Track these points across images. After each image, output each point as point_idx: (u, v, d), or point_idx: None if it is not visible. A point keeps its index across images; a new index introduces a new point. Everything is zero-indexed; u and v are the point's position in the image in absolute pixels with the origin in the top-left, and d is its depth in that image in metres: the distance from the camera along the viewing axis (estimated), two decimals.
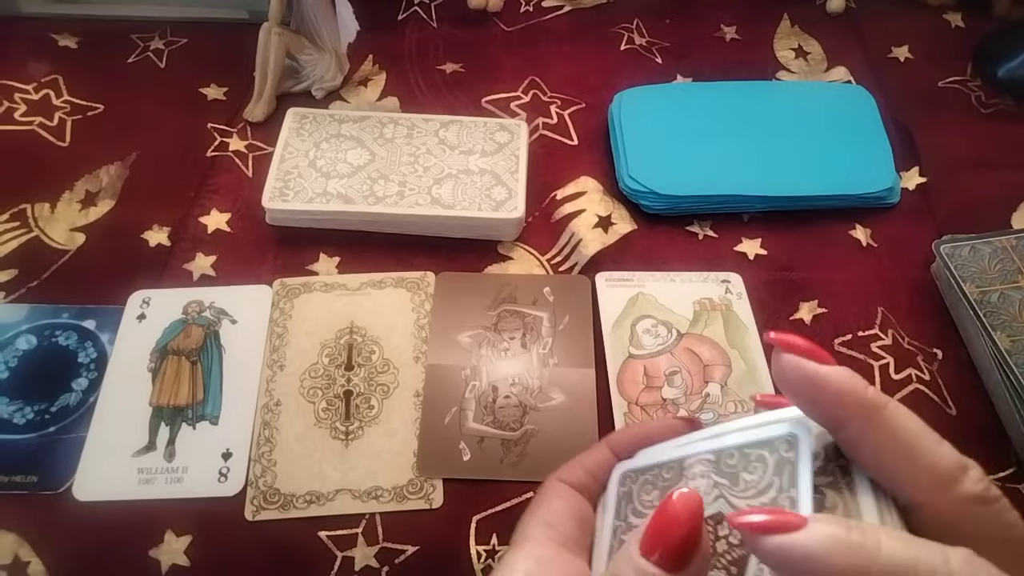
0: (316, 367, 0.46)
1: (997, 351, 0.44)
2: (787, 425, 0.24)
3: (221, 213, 0.53)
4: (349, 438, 0.44)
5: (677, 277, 0.51)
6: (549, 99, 0.61)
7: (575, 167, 0.56)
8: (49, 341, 0.47)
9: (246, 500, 0.41)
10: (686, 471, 0.25)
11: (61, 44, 0.63)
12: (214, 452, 0.43)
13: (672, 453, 0.26)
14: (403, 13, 0.67)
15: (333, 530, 0.41)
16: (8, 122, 0.57)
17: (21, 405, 0.44)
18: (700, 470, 0.25)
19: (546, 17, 0.68)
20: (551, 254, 0.52)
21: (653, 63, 0.64)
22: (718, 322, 0.48)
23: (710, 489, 0.25)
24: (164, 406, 0.44)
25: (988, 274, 0.48)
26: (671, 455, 0.26)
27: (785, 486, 0.23)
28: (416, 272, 0.50)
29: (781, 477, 0.23)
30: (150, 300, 0.48)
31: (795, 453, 0.23)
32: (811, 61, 0.65)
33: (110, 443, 0.43)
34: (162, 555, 0.40)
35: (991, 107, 0.61)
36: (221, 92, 0.61)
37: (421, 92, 0.61)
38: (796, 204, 0.53)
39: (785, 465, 0.23)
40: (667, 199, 0.53)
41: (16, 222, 0.52)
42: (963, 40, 0.66)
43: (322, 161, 0.52)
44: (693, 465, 0.25)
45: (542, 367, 0.46)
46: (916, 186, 0.56)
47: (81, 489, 0.41)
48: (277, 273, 0.50)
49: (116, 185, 0.54)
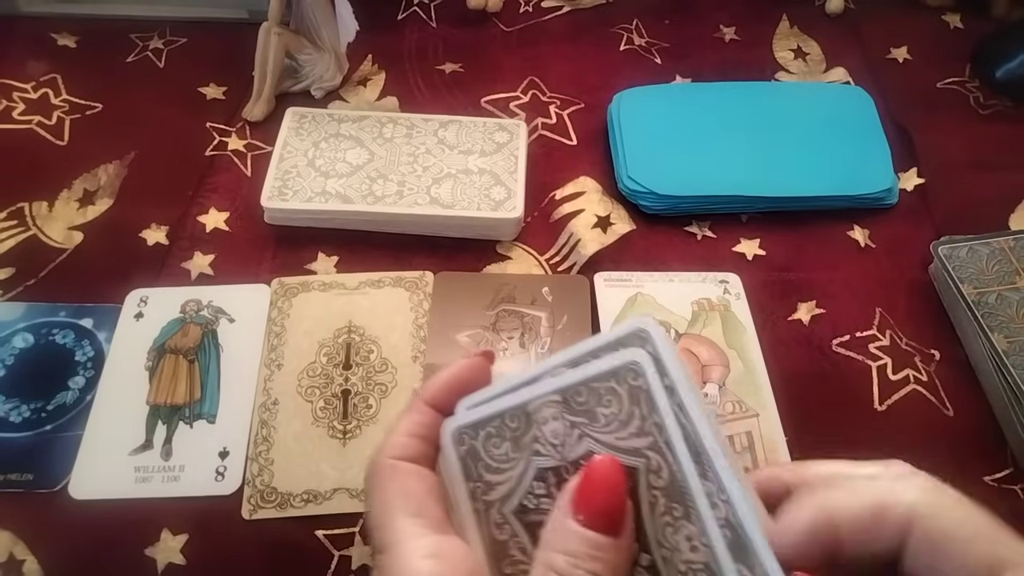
0: (314, 366, 0.46)
1: (994, 352, 0.44)
2: (626, 352, 0.23)
3: (219, 212, 0.53)
4: (347, 437, 0.44)
5: (676, 277, 0.51)
6: (548, 99, 0.61)
7: (574, 167, 0.56)
8: (46, 339, 0.46)
9: (243, 499, 0.41)
10: (534, 416, 0.25)
11: (60, 43, 0.63)
12: (211, 451, 0.43)
13: (508, 401, 0.25)
14: (403, 13, 0.67)
15: (330, 529, 0.41)
16: (7, 121, 0.57)
17: (18, 403, 0.44)
18: (550, 413, 0.24)
19: (546, 17, 0.68)
20: (550, 254, 0.52)
21: (652, 63, 0.64)
22: (716, 322, 0.48)
23: (569, 430, 0.24)
24: (161, 405, 0.44)
25: (986, 275, 0.48)
26: (508, 403, 0.25)
27: (646, 413, 0.23)
28: (415, 272, 0.50)
29: (639, 406, 0.23)
30: (148, 299, 0.48)
31: (644, 380, 0.23)
32: (810, 62, 0.65)
33: (107, 441, 0.43)
34: (158, 554, 0.40)
35: (990, 108, 0.61)
36: (220, 91, 0.61)
37: (420, 92, 0.61)
38: (795, 205, 0.53)
39: (639, 393, 0.23)
40: (666, 199, 0.53)
41: (14, 220, 0.52)
42: (962, 41, 0.66)
43: (321, 160, 0.52)
44: (540, 409, 0.24)
45: None
46: (914, 187, 0.56)
47: (77, 487, 0.41)
48: (275, 272, 0.50)
49: (114, 184, 0.54)
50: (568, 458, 0.24)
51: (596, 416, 0.24)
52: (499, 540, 0.25)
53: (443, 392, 0.27)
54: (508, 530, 0.25)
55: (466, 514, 0.25)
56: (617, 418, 0.23)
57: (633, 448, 0.23)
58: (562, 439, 0.24)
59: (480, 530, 0.25)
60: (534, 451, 0.25)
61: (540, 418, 0.25)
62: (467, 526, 0.25)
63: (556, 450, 0.24)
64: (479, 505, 0.25)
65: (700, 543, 0.22)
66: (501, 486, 0.25)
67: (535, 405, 0.25)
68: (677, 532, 0.22)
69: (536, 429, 0.25)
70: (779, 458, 0.43)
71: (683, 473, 0.22)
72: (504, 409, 0.25)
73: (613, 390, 0.24)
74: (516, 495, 0.25)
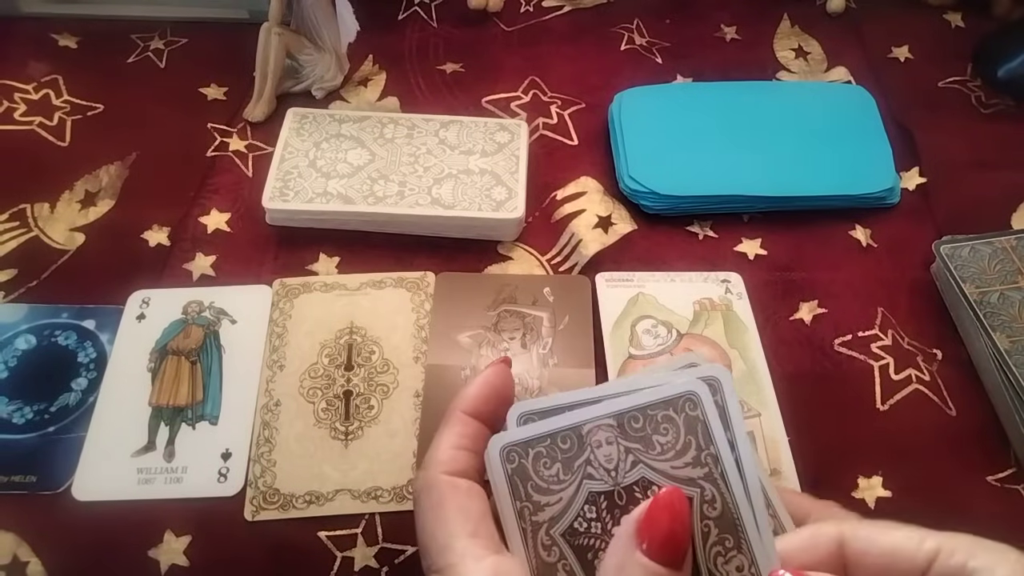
0: (316, 367, 0.46)
1: (997, 352, 0.44)
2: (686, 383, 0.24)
3: (221, 213, 0.53)
4: (349, 438, 0.44)
5: (677, 277, 0.51)
6: (549, 99, 0.61)
7: (575, 167, 0.56)
8: (48, 341, 0.47)
9: (245, 500, 0.41)
10: (587, 438, 0.25)
11: (61, 44, 0.63)
12: (213, 452, 0.43)
13: (561, 421, 0.25)
14: (403, 13, 0.67)
15: (333, 530, 0.41)
16: (8, 122, 0.57)
17: (20, 405, 0.44)
18: (604, 436, 0.25)
19: (546, 17, 0.68)
20: (551, 254, 0.52)
21: (653, 63, 0.64)
22: (718, 322, 0.48)
23: (624, 455, 0.25)
24: (163, 406, 0.44)
25: (988, 274, 0.48)
26: (561, 423, 0.25)
27: (703, 444, 0.24)
28: (416, 272, 0.50)
29: (696, 436, 0.24)
30: (150, 300, 0.48)
31: (701, 411, 0.24)
32: (811, 61, 0.65)
33: (109, 443, 0.43)
34: (161, 555, 0.40)
35: (991, 107, 0.61)
36: (221, 92, 0.60)
37: (421, 92, 0.61)
38: (796, 204, 0.53)
39: (696, 423, 0.24)
40: (667, 199, 0.53)
41: (16, 222, 0.52)
42: (963, 40, 0.66)
43: (322, 161, 0.52)
44: (593, 432, 0.25)
45: (542, 367, 0.46)
46: (916, 186, 0.56)
47: (80, 489, 0.41)
48: (277, 273, 0.50)
49: (116, 185, 0.54)
50: (621, 483, 0.24)
51: (652, 443, 0.24)
52: (547, 562, 0.25)
53: (480, 401, 0.27)
54: (556, 552, 0.25)
55: (513, 533, 0.25)
56: (673, 447, 0.24)
57: (688, 477, 0.24)
58: (616, 464, 0.25)
59: (527, 551, 0.25)
60: (587, 474, 0.25)
61: (594, 441, 0.25)
62: (514, 545, 0.25)
63: (609, 474, 0.25)
64: (526, 525, 0.25)
65: (750, 573, 0.23)
66: (550, 507, 0.25)
67: (589, 428, 0.25)
68: (728, 562, 0.23)
69: (589, 452, 0.25)
70: (781, 458, 0.43)
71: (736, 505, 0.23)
72: (556, 429, 0.25)
73: (670, 418, 0.24)
74: (566, 517, 0.25)
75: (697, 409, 0.24)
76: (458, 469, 0.26)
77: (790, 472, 0.42)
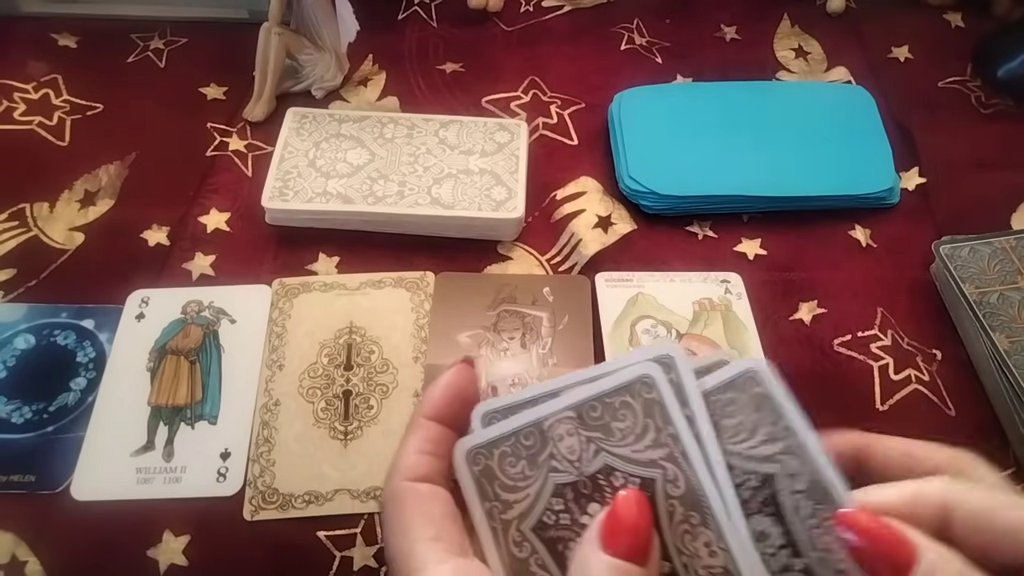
0: (315, 367, 0.46)
1: (996, 352, 0.44)
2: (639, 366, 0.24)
3: (220, 213, 0.53)
4: (348, 438, 0.44)
5: (676, 277, 0.50)
6: (549, 99, 0.61)
7: (575, 167, 0.56)
8: (48, 340, 0.46)
9: (245, 500, 0.41)
10: (549, 433, 0.25)
11: (61, 43, 0.63)
12: (213, 452, 0.43)
13: (522, 419, 0.26)
14: (403, 13, 0.67)
15: (332, 530, 0.41)
16: (7, 121, 0.57)
17: (19, 404, 0.44)
18: (565, 429, 0.25)
19: (546, 17, 0.68)
20: (551, 254, 0.52)
21: (653, 63, 0.64)
22: (717, 322, 0.48)
23: (585, 445, 0.25)
24: (163, 406, 0.44)
25: (987, 275, 0.48)
26: (522, 421, 0.26)
27: (661, 424, 0.24)
28: (416, 272, 0.50)
29: (654, 417, 0.24)
30: (149, 300, 0.48)
31: (656, 392, 0.24)
32: (811, 61, 0.65)
33: (108, 443, 0.43)
34: (160, 555, 0.40)
35: (991, 107, 0.61)
36: (221, 92, 0.60)
37: (421, 92, 0.61)
38: (796, 204, 0.53)
39: (653, 405, 0.24)
40: (667, 199, 0.53)
41: (15, 221, 0.52)
42: (963, 40, 0.66)
43: (322, 161, 0.52)
44: (555, 426, 0.25)
45: (541, 367, 0.46)
46: (916, 186, 0.56)
47: (79, 489, 0.41)
48: (276, 273, 0.50)
49: (115, 184, 0.54)
50: (585, 473, 0.25)
51: (611, 430, 0.24)
52: (519, 558, 0.25)
53: (443, 404, 0.27)
54: (527, 548, 0.25)
55: (484, 534, 0.26)
56: (632, 431, 0.24)
57: (649, 460, 0.24)
58: (578, 454, 0.25)
59: (499, 549, 0.25)
60: (551, 468, 0.25)
61: (555, 435, 0.25)
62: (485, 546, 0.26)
63: (573, 465, 0.25)
64: (496, 524, 0.26)
65: (718, 547, 0.23)
66: (518, 504, 0.25)
67: (550, 422, 0.25)
68: (696, 539, 0.23)
69: (552, 446, 0.25)
70: None
71: (698, 481, 0.23)
72: (518, 427, 0.26)
73: (627, 404, 0.24)
74: (534, 512, 0.25)
75: (653, 391, 0.24)
76: (421, 474, 0.26)
77: None
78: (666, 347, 0.25)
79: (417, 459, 0.26)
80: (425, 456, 0.26)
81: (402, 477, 0.26)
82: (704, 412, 0.24)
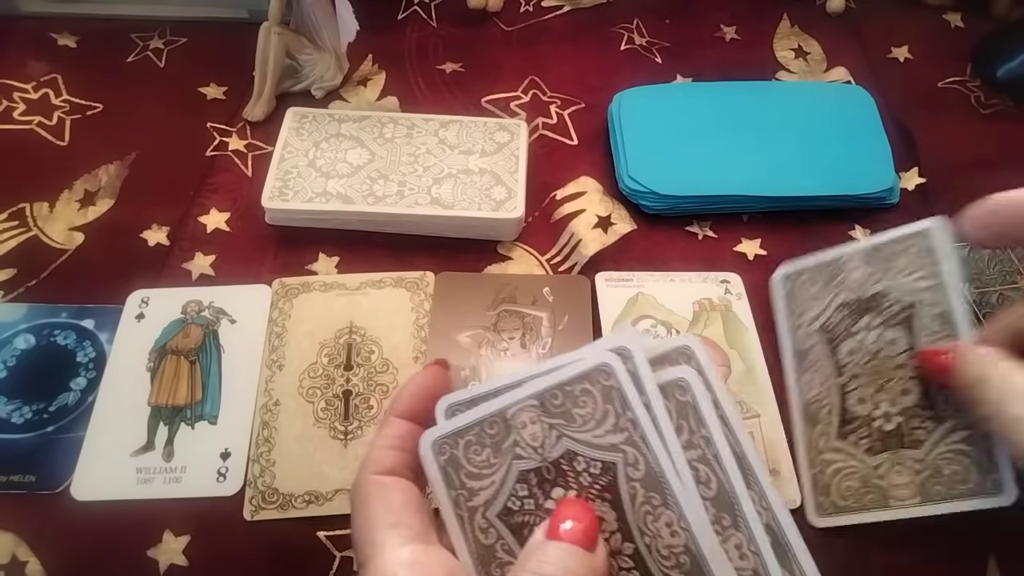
0: (315, 367, 0.46)
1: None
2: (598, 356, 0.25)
3: (220, 212, 0.53)
4: (348, 438, 0.44)
5: (676, 277, 0.51)
6: (549, 99, 0.61)
7: (575, 167, 0.56)
8: (48, 340, 0.46)
9: (245, 500, 0.41)
10: (512, 421, 0.26)
11: (60, 43, 0.63)
12: (213, 452, 0.43)
13: (486, 408, 0.26)
14: (403, 13, 0.67)
15: (332, 530, 0.41)
16: (7, 121, 0.57)
17: (19, 404, 0.44)
18: (528, 417, 0.26)
19: (546, 17, 0.68)
20: (551, 254, 0.52)
21: (653, 63, 0.64)
22: (717, 322, 0.48)
23: (548, 432, 0.26)
24: (163, 406, 0.44)
25: (987, 275, 0.48)
26: (486, 410, 0.26)
27: (620, 410, 0.25)
28: (415, 272, 0.50)
29: (613, 404, 0.25)
30: (149, 299, 0.48)
31: (615, 379, 0.25)
32: (811, 61, 0.65)
33: (108, 443, 0.43)
34: (160, 555, 0.40)
35: (991, 107, 0.61)
36: (220, 92, 0.60)
37: (421, 92, 0.61)
38: (796, 204, 0.53)
39: (612, 392, 0.25)
40: (667, 199, 0.53)
41: (15, 221, 0.52)
42: (963, 40, 0.66)
43: (322, 161, 0.52)
44: (518, 415, 0.26)
45: None
46: (915, 186, 0.56)
47: (79, 489, 0.41)
48: (276, 273, 0.50)
49: (115, 184, 0.54)
50: (548, 458, 0.26)
51: (573, 417, 0.25)
52: (485, 544, 0.26)
53: (413, 402, 0.28)
54: (494, 534, 0.26)
55: (450, 521, 0.26)
56: (593, 417, 0.25)
57: (610, 444, 0.25)
58: (541, 441, 0.26)
59: (465, 536, 0.26)
60: (515, 455, 0.26)
61: (519, 423, 0.26)
62: (452, 533, 0.26)
63: (536, 452, 0.26)
64: (463, 512, 0.26)
65: (679, 527, 0.24)
66: (484, 491, 0.26)
67: (513, 411, 0.26)
68: (657, 519, 0.24)
69: (515, 434, 0.26)
70: (780, 458, 0.43)
71: (658, 463, 0.24)
72: (483, 417, 0.26)
73: (587, 391, 0.25)
74: (499, 499, 0.26)
75: (611, 379, 0.25)
76: (386, 468, 0.27)
77: (789, 473, 0.42)
78: (623, 338, 0.25)
79: (383, 454, 0.27)
80: (392, 451, 0.27)
81: (368, 472, 0.27)
82: (660, 399, 0.24)
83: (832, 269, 0.41)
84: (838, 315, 0.40)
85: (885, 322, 0.38)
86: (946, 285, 0.37)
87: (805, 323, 0.41)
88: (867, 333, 0.39)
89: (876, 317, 0.39)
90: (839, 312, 0.40)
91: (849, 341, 0.39)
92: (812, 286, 0.42)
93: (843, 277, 0.40)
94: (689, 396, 0.25)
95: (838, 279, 0.40)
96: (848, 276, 0.40)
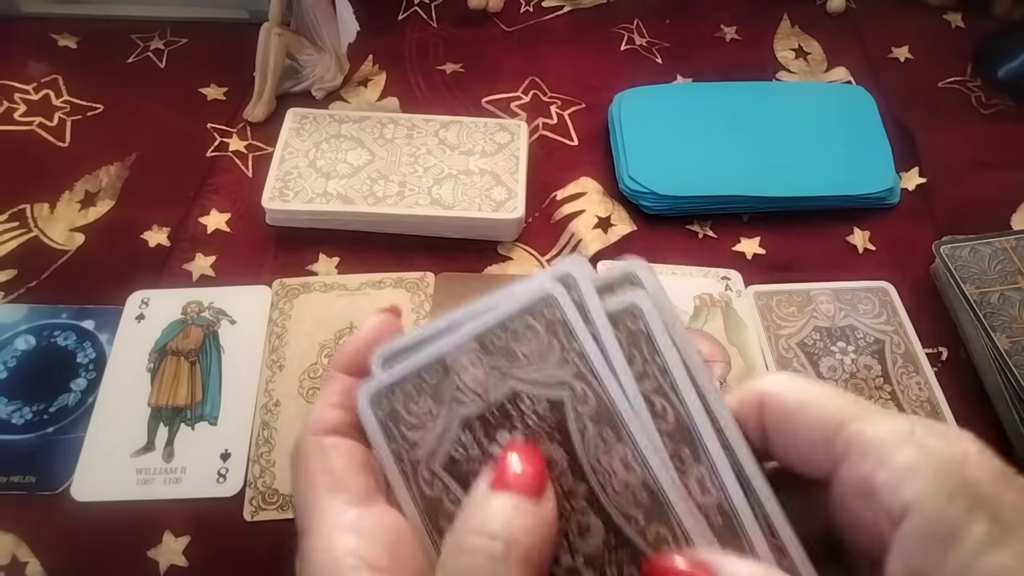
0: (315, 367, 0.46)
1: (997, 352, 0.44)
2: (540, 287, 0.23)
3: (221, 213, 0.53)
4: None
5: (678, 271, 0.50)
6: (549, 99, 0.61)
7: (575, 168, 0.56)
8: (48, 341, 0.47)
9: (245, 500, 0.41)
10: (452, 366, 0.24)
11: (61, 44, 0.63)
12: (213, 452, 0.43)
13: (424, 356, 0.24)
14: (403, 13, 0.67)
15: None
16: (8, 122, 0.57)
17: (20, 405, 0.44)
18: (468, 360, 0.24)
19: (546, 17, 0.68)
20: (551, 255, 0.52)
21: (653, 63, 0.64)
22: (718, 318, 0.48)
23: (490, 373, 0.24)
24: (163, 406, 0.44)
25: (988, 275, 0.48)
26: (424, 358, 0.24)
27: (566, 343, 0.23)
28: (415, 272, 0.50)
29: (558, 336, 0.23)
30: (149, 300, 0.48)
31: (559, 311, 0.23)
32: (811, 61, 0.65)
33: (108, 443, 0.43)
34: (160, 556, 0.40)
35: (991, 107, 0.61)
36: (221, 92, 0.60)
37: (421, 92, 0.61)
38: (796, 204, 0.53)
39: (556, 324, 0.23)
40: (667, 199, 0.53)
41: (15, 222, 0.52)
42: (963, 40, 0.66)
43: (322, 161, 0.52)
44: (457, 359, 0.24)
45: None
46: (916, 187, 0.56)
47: (79, 489, 0.41)
48: (277, 273, 0.50)
49: (116, 185, 0.54)
50: (491, 402, 0.24)
51: (515, 355, 0.23)
52: (431, 497, 0.24)
53: (359, 355, 0.26)
54: (439, 485, 0.24)
55: (393, 477, 0.25)
56: (537, 353, 0.23)
57: (557, 381, 0.23)
58: (483, 384, 0.24)
59: (410, 490, 0.25)
60: (456, 400, 0.24)
61: (459, 367, 0.24)
62: (396, 489, 0.25)
63: (479, 397, 0.24)
64: (406, 466, 0.25)
65: (633, 462, 0.22)
66: (426, 443, 0.24)
67: (452, 356, 0.24)
68: (611, 456, 0.22)
69: (456, 379, 0.24)
70: None
71: (609, 396, 0.22)
72: (420, 365, 0.24)
73: (530, 326, 0.23)
74: (443, 449, 0.24)
75: (555, 310, 0.23)
76: (329, 427, 0.25)
77: None
78: (567, 266, 0.23)
79: (326, 412, 0.25)
80: (335, 409, 0.25)
81: (309, 432, 0.25)
82: (609, 328, 0.22)
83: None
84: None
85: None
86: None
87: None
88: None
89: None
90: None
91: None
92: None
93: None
94: (641, 324, 0.22)
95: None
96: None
